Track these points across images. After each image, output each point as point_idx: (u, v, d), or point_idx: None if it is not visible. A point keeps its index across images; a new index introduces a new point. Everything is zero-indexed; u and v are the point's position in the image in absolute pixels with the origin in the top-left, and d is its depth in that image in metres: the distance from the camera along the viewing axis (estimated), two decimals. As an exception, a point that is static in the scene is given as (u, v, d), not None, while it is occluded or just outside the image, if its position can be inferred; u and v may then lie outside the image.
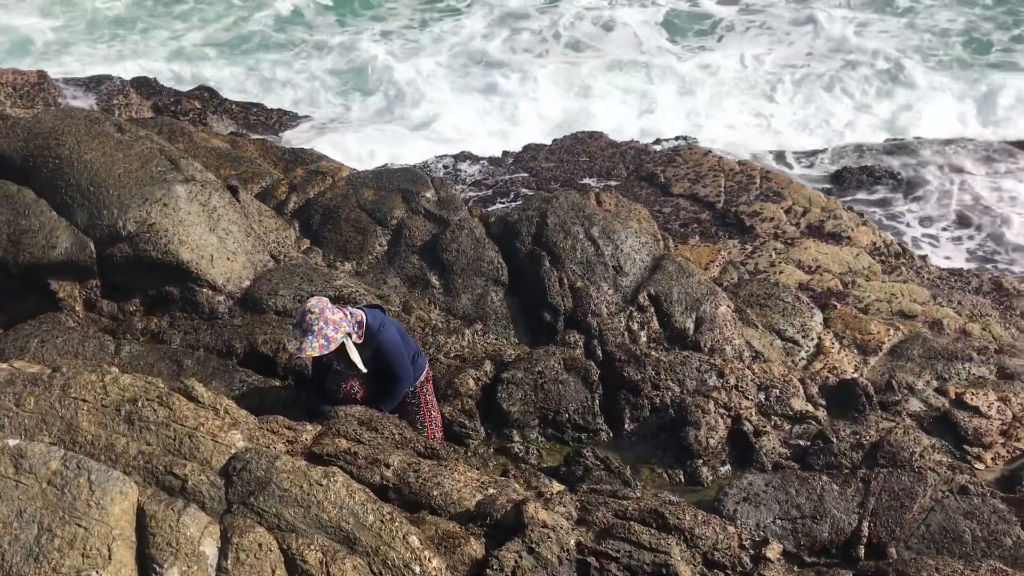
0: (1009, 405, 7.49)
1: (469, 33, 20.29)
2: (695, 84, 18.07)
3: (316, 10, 21.66)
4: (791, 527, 6.03)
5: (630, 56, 19.24)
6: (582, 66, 18.72)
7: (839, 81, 18.17)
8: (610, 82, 18.22)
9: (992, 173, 14.41)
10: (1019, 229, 12.93)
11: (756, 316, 8.93)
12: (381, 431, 5.78)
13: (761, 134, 16.43)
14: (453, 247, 8.32)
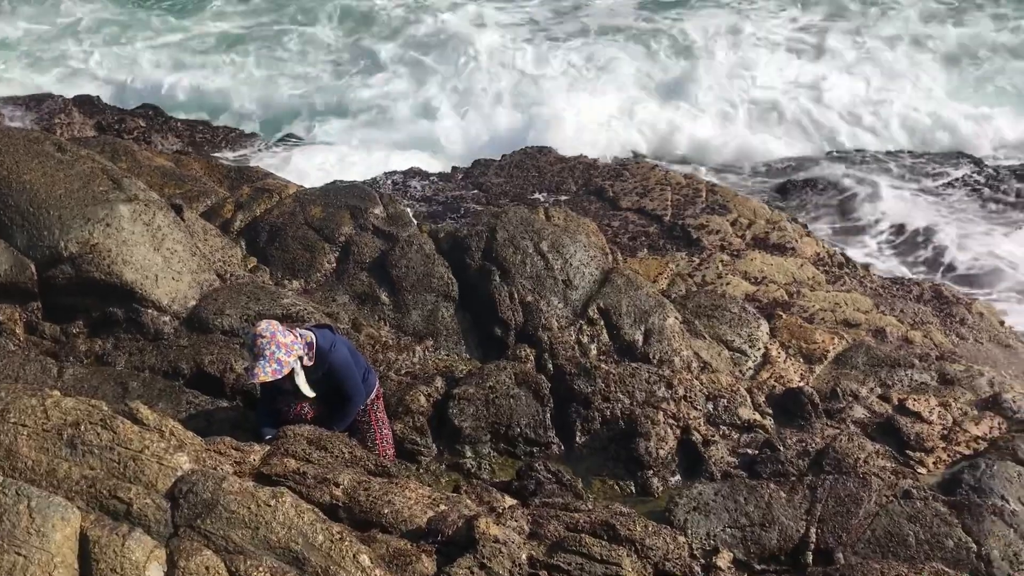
0: (949, 410, 7.68)
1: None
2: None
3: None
4: (740, 535, 6.09)
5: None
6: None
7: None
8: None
9: (929, 184, 14.77)
10: (956, 239, 13.25)
11: (704, 327, 9.03)
12: (331, 450, 5.74)
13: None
14: (402, 263, 8.31)
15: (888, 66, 19.33)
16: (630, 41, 20.66)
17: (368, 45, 20.58)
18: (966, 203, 14.21)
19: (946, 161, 15.47)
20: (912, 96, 18.12)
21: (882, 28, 21.14)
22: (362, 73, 19.41)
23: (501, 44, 20.15)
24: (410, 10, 22.10)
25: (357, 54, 20.32)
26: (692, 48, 20.22)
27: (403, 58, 19.90)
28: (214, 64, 19.94)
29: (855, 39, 20.57)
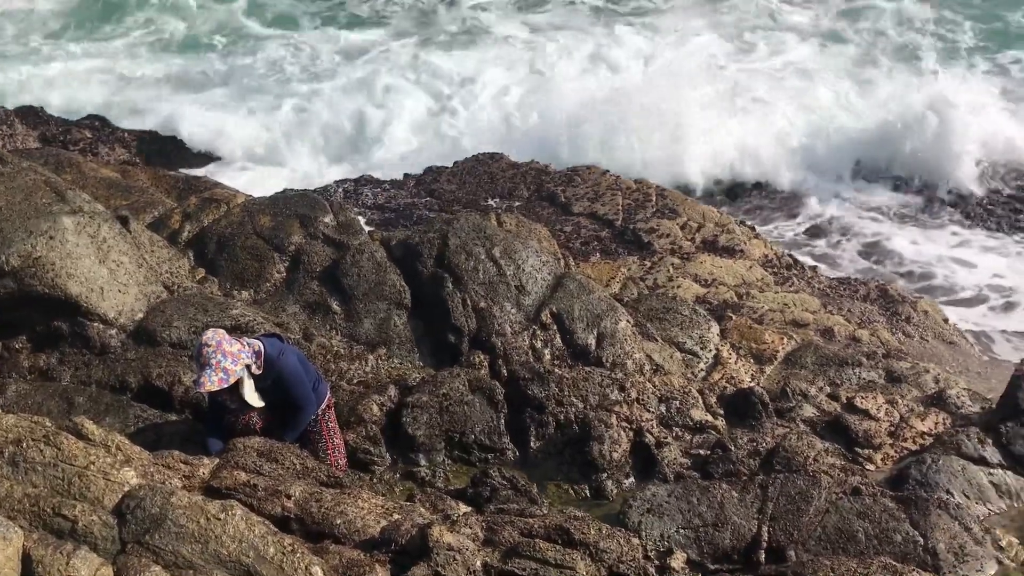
0: (896, 407, 7.82)
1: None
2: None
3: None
4: (694, 536, 6.14)
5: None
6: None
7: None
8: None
9: (875, 187, 15.05)
10: (900, 241, 13.52)
11: (656, 330, 9.11)
12: (282, 462, 5.69)
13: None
14: (354, 271, 8.27)
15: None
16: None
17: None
18: (911, 206, 14.49)
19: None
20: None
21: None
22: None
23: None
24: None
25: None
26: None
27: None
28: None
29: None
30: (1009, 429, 7.21)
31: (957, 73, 18.27)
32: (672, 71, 17.83)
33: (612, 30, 20.91)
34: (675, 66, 18.14)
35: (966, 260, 13.05)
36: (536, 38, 20.72)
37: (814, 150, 16.16)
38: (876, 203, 14.55)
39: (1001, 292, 12.28)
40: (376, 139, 16.59)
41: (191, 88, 18.83)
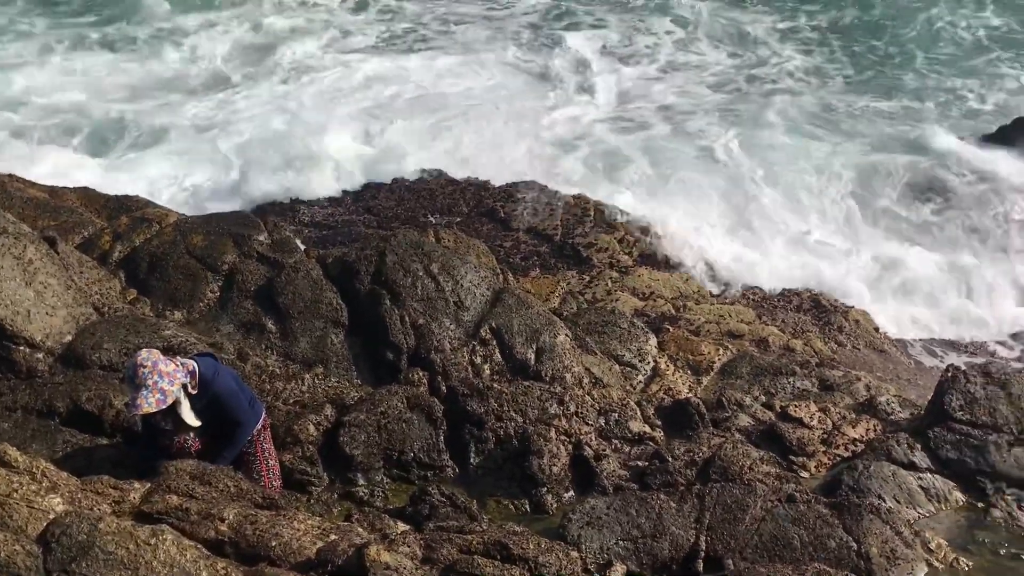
0: (829, 415, 7.97)
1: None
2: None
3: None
4: (633, 547, 6.17)
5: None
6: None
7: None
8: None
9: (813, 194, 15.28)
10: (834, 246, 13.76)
11: (595, 343, 9.18)
12: (215, 484, 5.59)
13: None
14: (289, 290, 8.18)
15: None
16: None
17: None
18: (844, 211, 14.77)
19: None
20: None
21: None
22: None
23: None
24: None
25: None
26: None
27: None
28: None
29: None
30: (936, 434, 7.40)
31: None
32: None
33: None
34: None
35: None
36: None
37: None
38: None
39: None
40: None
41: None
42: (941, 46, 21.21)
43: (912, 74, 20.22)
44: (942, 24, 21.99)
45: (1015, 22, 22.01)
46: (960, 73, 20.14)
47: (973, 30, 21.86)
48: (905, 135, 17.17)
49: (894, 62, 20.80)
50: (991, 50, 21.09)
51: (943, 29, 21.86)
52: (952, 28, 21.87)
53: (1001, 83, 19.79)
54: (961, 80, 19.73)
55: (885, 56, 21.09)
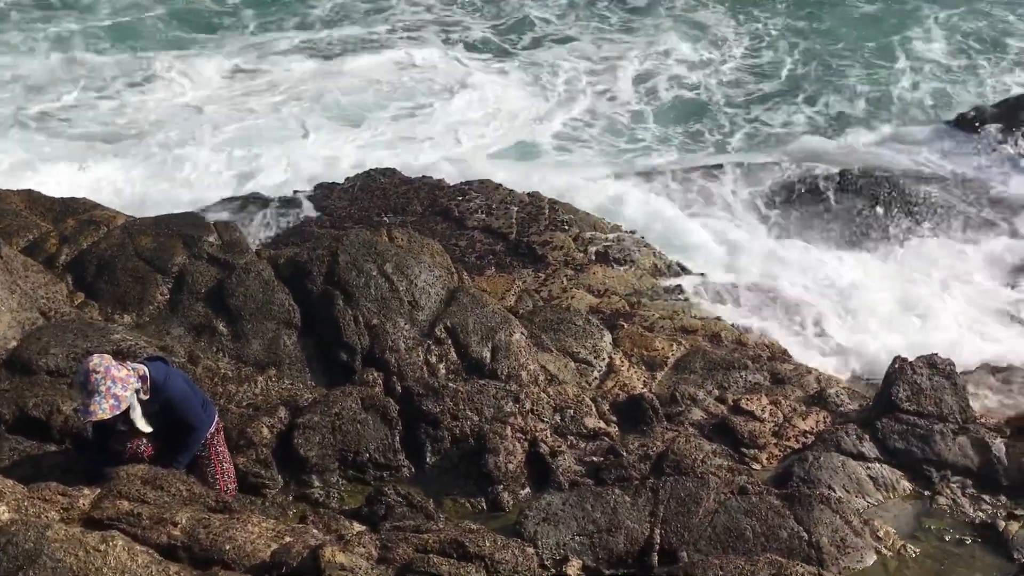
0: (780, 407, 8.10)
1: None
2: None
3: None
4: (589, 542, 6.22)
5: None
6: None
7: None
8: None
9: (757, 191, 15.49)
10: (788, 242, 13.95)
11: (550, 341, 9.21)
12: (167, 489, 5.53)
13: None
14: (240, 291, 8.11)
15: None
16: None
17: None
18: (794, 208, 14.98)
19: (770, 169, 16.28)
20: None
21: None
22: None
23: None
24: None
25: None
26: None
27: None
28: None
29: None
30: (884, 425, 7.55)
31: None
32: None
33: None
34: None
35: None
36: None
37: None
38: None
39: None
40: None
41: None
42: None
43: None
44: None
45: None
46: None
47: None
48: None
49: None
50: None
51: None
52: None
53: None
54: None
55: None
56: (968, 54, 21.43)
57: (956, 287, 12.02)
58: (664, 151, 17.68)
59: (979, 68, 20.89)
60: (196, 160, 15.72)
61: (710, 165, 15.98)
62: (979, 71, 20.76)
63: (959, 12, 22.80)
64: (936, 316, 11.24)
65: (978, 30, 22.16)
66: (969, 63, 21.11)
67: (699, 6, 23.35)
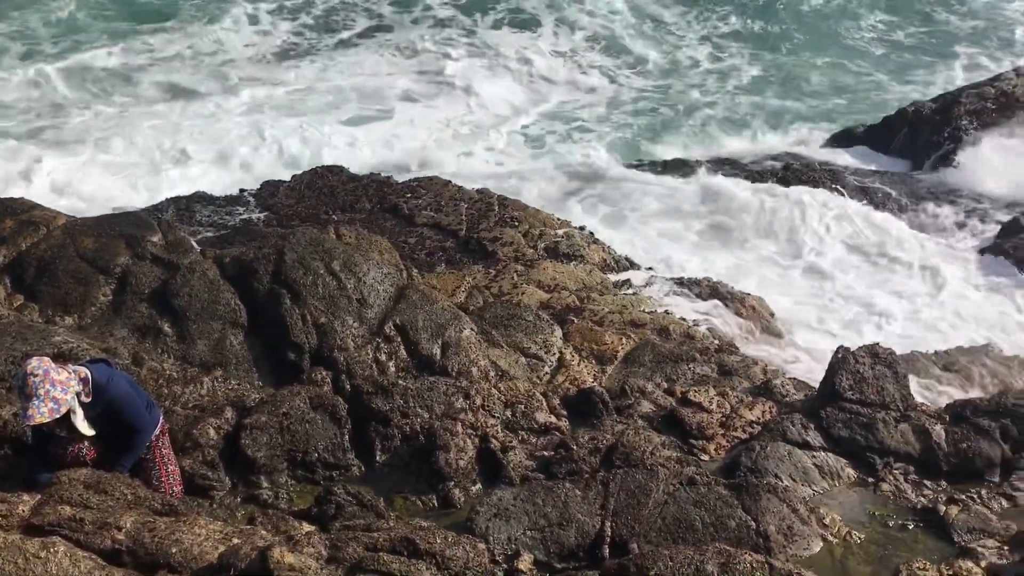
0: (727, 398, 8.20)
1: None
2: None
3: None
4: (540, 536, 6.24)
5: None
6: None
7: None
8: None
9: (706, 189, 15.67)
10: (737, 235, 14.13)
11: (501, 336, 9.22)
12: (111, 493, 5.43)
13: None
14: (185, 292, 7.99)
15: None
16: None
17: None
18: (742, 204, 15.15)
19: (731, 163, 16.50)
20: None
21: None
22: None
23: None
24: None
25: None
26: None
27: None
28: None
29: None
30: (828, 414, 7.68)
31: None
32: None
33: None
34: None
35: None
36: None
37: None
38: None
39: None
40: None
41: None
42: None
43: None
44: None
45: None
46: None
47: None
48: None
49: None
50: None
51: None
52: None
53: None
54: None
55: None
56: (912, 51, 21.98)
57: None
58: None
59: (922, 65, 21.43)
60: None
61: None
62: (922, 68, 21.31)
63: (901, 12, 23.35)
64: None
65: (919, 29, 22.72)
66: (913, 60, 21.65)
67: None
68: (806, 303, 12.25)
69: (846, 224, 13.82)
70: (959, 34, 22.73)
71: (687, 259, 13.05)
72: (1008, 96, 16.36)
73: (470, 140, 17.90)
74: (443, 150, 17.22)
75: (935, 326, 11.82)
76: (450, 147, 17.52)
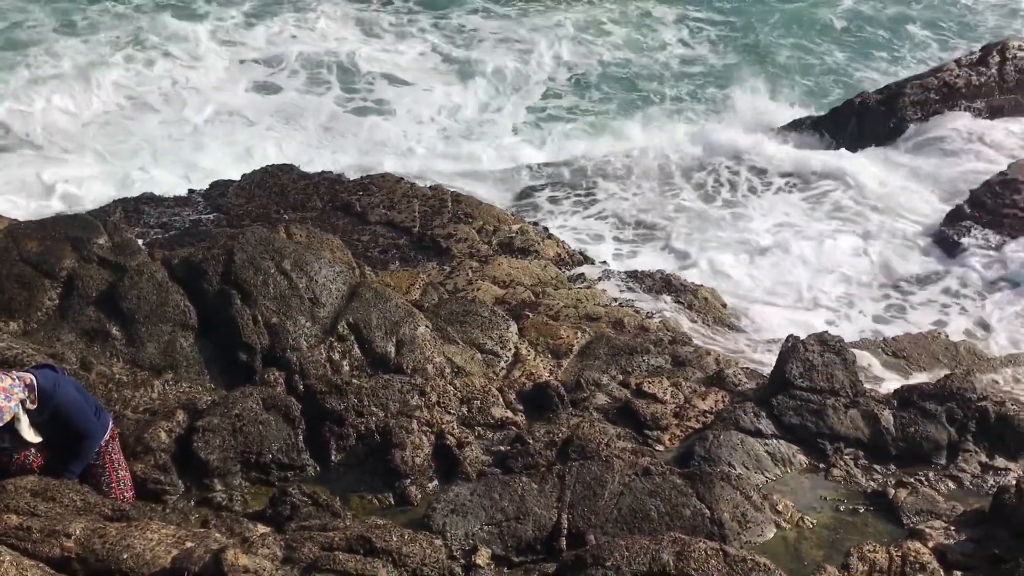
0: (681, 389, 8.28)
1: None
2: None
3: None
4: (498, 531, 6.26)
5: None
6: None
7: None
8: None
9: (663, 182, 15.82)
10: (684, 231, 14.28)
11: (456, 333, 9.21)
12: (60, 500, 5.35)
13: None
14: (133, 294, 7.86)
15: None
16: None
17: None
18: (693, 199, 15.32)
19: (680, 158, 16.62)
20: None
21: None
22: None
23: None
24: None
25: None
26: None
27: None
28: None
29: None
30: (779, 401, 7.79)
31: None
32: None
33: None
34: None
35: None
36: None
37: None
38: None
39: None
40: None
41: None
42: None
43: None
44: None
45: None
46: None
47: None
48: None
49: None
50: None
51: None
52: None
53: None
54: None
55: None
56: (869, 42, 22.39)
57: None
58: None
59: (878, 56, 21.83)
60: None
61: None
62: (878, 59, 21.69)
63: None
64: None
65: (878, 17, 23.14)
66: (866, 52, 22.06)
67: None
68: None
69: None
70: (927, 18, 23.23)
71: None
72: (951, 87, 16.69)
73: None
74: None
75: (882, 316, 12.06)
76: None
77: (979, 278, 12.56)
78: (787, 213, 14.36)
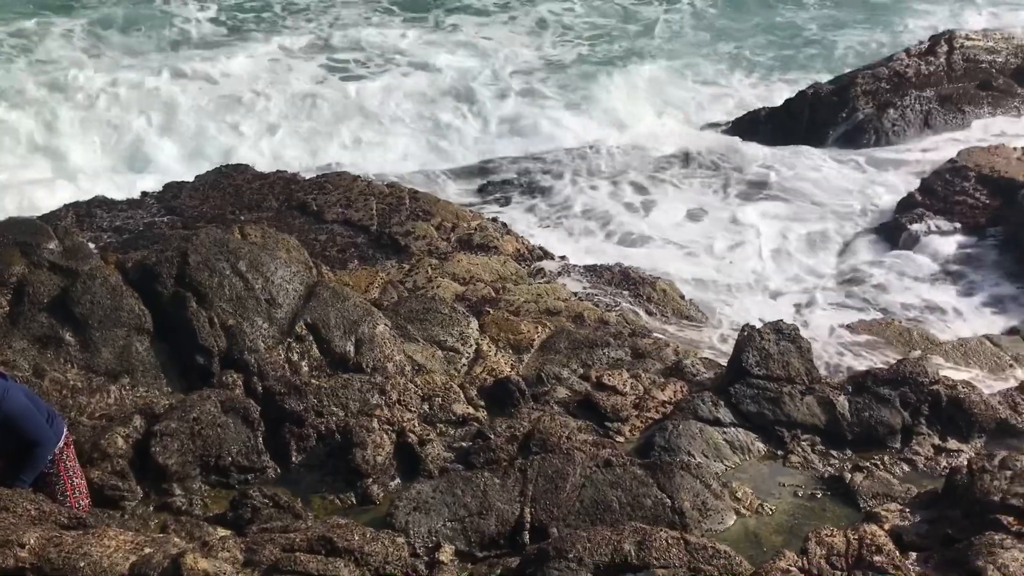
0: (640, 380, 8.34)
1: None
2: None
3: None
4: (461, 527, 6.27)
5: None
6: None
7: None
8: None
9: (618, 177, 15.90)
10: (645, 225, 14.37)
11: (417, 331, 9.20)
12: (12, 509, 5.25)
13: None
14: (86, 299, 7.75)
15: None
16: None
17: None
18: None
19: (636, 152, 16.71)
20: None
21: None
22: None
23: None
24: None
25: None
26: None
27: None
28: None
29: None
30: (737, 390, 7.88)
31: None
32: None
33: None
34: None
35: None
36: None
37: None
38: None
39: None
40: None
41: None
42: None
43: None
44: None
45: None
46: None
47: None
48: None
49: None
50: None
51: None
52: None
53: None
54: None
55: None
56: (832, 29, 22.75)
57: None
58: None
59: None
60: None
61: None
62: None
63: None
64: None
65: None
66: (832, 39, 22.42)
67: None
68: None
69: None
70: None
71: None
72: (901, 76, 16.97)
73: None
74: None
75: (837, 303, 12.23)
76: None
77: (931, 264, 12.79)
78: (740, 204, 14.51)
